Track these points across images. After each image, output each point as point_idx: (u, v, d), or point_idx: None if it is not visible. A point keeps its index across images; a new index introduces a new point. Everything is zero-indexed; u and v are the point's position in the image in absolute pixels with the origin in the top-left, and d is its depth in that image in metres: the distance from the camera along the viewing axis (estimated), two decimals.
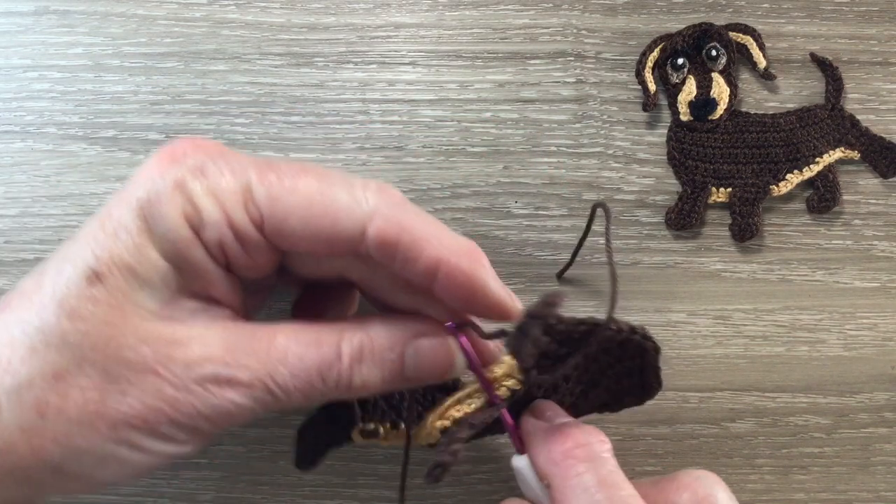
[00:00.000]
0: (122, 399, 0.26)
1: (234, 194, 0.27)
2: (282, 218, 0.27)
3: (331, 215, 0.27)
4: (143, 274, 0.27)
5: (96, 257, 0.26)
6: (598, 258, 0.41)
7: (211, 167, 0.27)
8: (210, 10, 0.41)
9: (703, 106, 0.41)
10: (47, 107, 0.41)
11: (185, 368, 0.27)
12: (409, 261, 0.28)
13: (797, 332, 0.41)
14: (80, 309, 0.26)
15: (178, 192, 0.27)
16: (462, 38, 0.41)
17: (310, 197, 0.27)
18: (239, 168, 0.28)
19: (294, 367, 0.28)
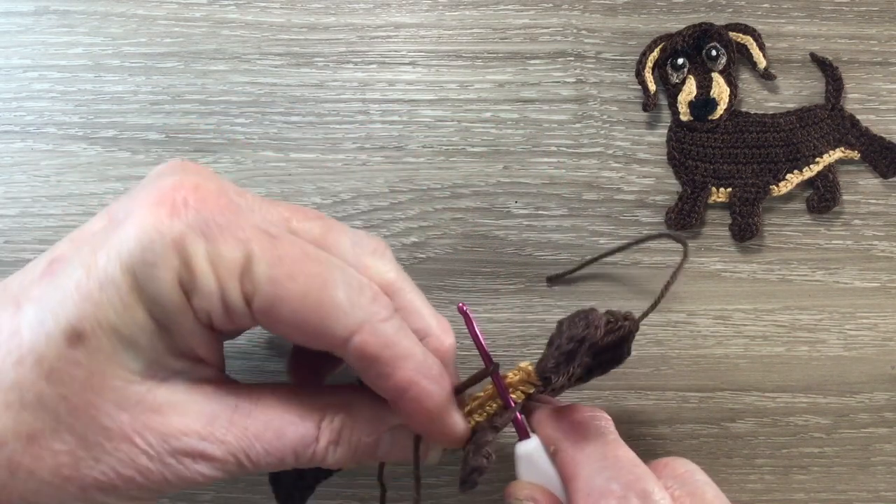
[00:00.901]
0: (96, 465, 0.26)
1: (232, 264, 0.26)
2: (274, 303, 0.26)
3: (322, 315, 0.27)
4: (128, 335, 0.25)
5: (79, 313, 0.25)
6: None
7: (214, 228, 0.26)
8: (210, 10, 0.41)
9: (703, 106, 0.41)
10: (47, 107, 0.41)
11: (161, 440, 0.26)
12: (381, 377, 0.28)
13: (797, 332, 0.41)
14: (60, 371, 0.25)
15: (176, 253, 0.25)
16: (462, 38, 0.41)
17: (307, 289, 0.26)
18: (242, 234, 0.26)
19: (270, 444, 0.28)
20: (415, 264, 0.40)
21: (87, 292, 0.25)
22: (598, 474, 0.28)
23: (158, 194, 0.26)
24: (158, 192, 0.26)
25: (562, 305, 0.41)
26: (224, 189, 0.27)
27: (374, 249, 0.30)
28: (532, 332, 0.41)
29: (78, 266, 0.26)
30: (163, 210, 0.25)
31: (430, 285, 0.40)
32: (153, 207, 0.25)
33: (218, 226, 0.26)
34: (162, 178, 0.27)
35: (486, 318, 0.40)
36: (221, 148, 0.41)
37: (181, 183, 0.26)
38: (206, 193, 0.26)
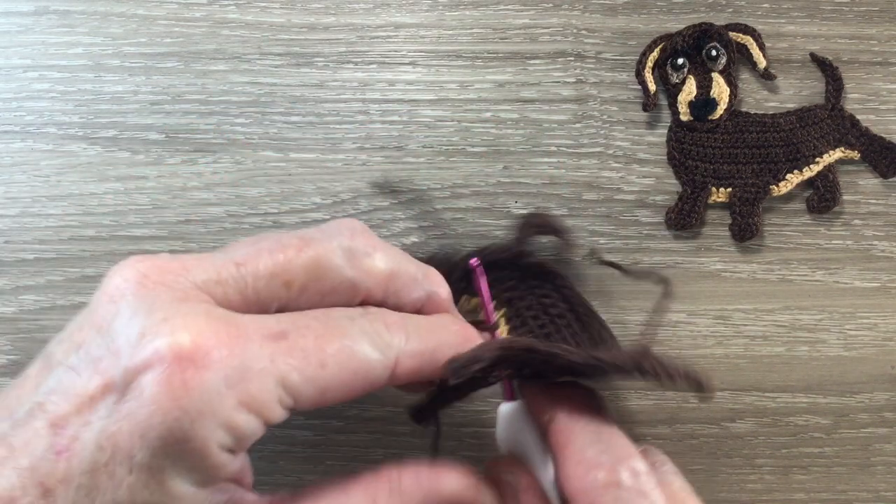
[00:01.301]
0: None
1: (269, 394, 0.25)
2: (318, 396, 0.26)
3: (361, 376, 0.27)
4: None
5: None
6: (596, 259, 0.41)
7: (241, 367, 0.24)
8: (210, 10, 0.41)
9: (703, 106, 0.41)
10: (47, 107, 0.41)
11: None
12: (427, 375, 0.29)
13: (797, 332, 0.41)
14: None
15: (209, 420, 0.24)
16: (462, 38, 0.41)
17: (341, 366, 0.26)
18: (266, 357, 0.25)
19: None
20: None
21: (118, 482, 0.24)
22: (590, 446, 0.29)
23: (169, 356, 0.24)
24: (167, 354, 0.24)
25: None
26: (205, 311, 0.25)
27: (363, 247, 0.30)
28: None
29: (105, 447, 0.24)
30: (183, 360, 0.24)
31: None
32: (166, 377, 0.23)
33: (242, 359, 0.25)
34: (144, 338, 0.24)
35: None
36: (221, 148, 0.41)
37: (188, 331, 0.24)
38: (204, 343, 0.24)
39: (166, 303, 0.25)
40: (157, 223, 0.41)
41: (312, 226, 0.40)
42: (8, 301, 0.41)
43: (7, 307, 0.41)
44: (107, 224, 0.40)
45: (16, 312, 0.41)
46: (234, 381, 0.24)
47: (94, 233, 0.40)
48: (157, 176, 0.41)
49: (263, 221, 0.41)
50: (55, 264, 0.40)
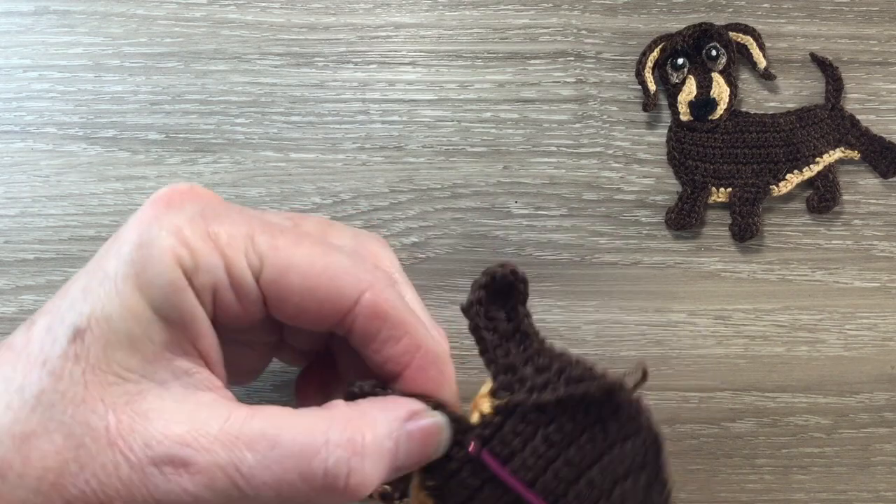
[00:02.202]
0: (80, 473, 0.25)
1: (234, 239, 0.26)
2: (283, 270, 0.26)
3: (331, 276, 0.27)
4: (124, 326, 0.25)
5: (79, 312, 0.25)
6: (597, 258, 0.41)
7: (210, 213, 0.26)
8: (210, 10, 0.41)
9: (703, 106, 0.41)
10: (47, 107, 0.41)
11: (143, 445, 0.25)
12: (390, 339, 0.27)
13: (797, 332, 0.41)
14: (61, 368, 0.25)
15: (173, 236, 0.25)
16: (462, 38, 0.41)
17: (312, 255, 0.26)
18: (240, 219, 0.27)
19: (265, 456, 0.25)
20: (415, 264, 0.40)
21: (91, 291, 0.25)
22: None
23: (155, 198, 0.27)
24: (155, 196, 0.27)
25: (562, 305, 0.41)
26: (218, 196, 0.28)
27: (377, 240, 0.31)
28: None
29: (83, 274, 0.26)
30: (160, 206, 0.26)
31: (429, 285, 0.40)
32: (150, 206, 0.26)
33: (215, 212, 0.26)
34: (160, 190, 0.28)
35: None
36: (221, 148, 0.41)
37: (176, 186, 0.27)
38: (201, 191, 0.27)
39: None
40: None
41: None
42: (8, 301, 0.41)
43: (7, 307, 0.41)
44: (107, 224, 0.40)
45: (16, 312, 0.41)
46: (209, 218, 0.26)
47: (94, 233, 0.40)
48: (157, 176, 0.41)
49: None
50: (55, 264, 0.40)
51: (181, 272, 0.25)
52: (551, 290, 0.41)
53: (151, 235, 0.25)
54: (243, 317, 0.27)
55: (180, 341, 0.26)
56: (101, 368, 0.25)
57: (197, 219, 0.26)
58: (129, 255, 0.25)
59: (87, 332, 0.25)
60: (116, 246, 0.26)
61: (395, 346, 0.27)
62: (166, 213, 0.26)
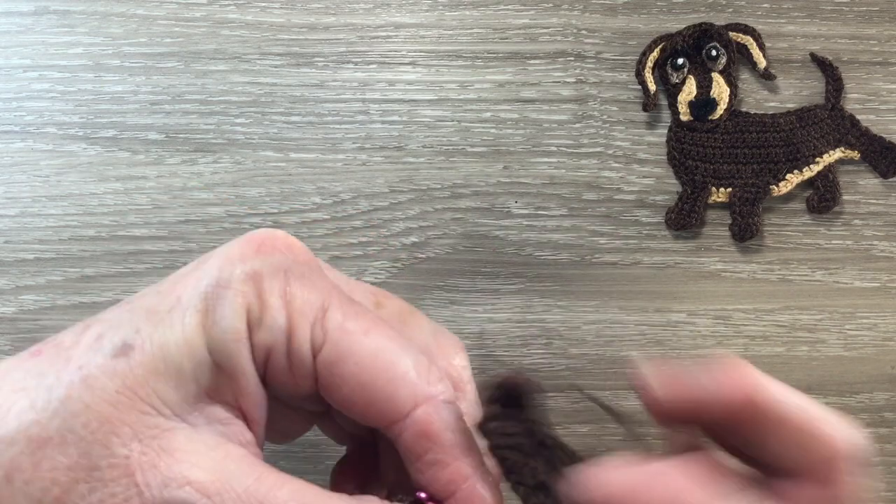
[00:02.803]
0: (86, 497, 0.24)
1: (307, 307, 0.25)
2: (343, 355, 0.25)
3: (389, 378, 0.25)
4: (176, 359, 0.24)
5: (136, 329, 0.25)
6: (597, 258, 0.41)
7: (295, 273, 0.25)
8: (210, 10, 0.41)
9: (703, 106, 0.41)
10: (47, 107, 0.41)
11: (161, 483, 0.24)
12: (437, 464, 0.26)
13: (797, 332, 0.41)
14: (95, 379, 0.24)
15: (252, 283, 0.25)
16: (462, 38, 0.41)
17: (378, 349, 0.25)
18: (322, 285, 0.26)
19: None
20: (415, 264, 0.40)
21: (155, 312, 0.25)
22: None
23: (248, 237, 0.26)
24: (249, 236, 0.26)
25: (562, 305, 0.41)
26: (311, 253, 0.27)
27: (454, 343, 0.29)
28: (532, 332, 0.41)
29: (154, 293, 0.26)
30: (250, 247, 0.26)
31: (429, 285, 0.40)
32: (239, 246, 0.26)
33: (300, 272, 0.25)
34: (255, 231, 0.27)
35: (486, 318, 0.40)
36: (221, 148, 0.41)
37: (273, 232, 0.26)
38: (294, 244, 0.26)
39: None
40: (157, 223, 0.41)
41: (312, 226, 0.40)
42: (8, 301, 0.40)
43: (7, 307, 0.41)
44: (107, 224, 0.40)
45: (16, 312, 0.41)
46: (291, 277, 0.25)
47: (94, 233, 0.40)
48: (157, 176, 0.41)
49: (263, 221, 0.41)
50: (55, 264, 0.40)
51: (245, 324, 0.25)
52: (551, 290, 0.41)
53: (231, 276, 0.25)
54: (291, 385, 0.26)
55: (224, 390, 0.25)
56: (137, 393, 0.24)
57: (280, 273, 0.25)
58: (204, 290, 0.25)
59: (136, 351, 0.24)
60: (196, 276, 0.25)
61: (441, 471, 0.26)
62: (253, 258, 0.25)
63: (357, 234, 0.41)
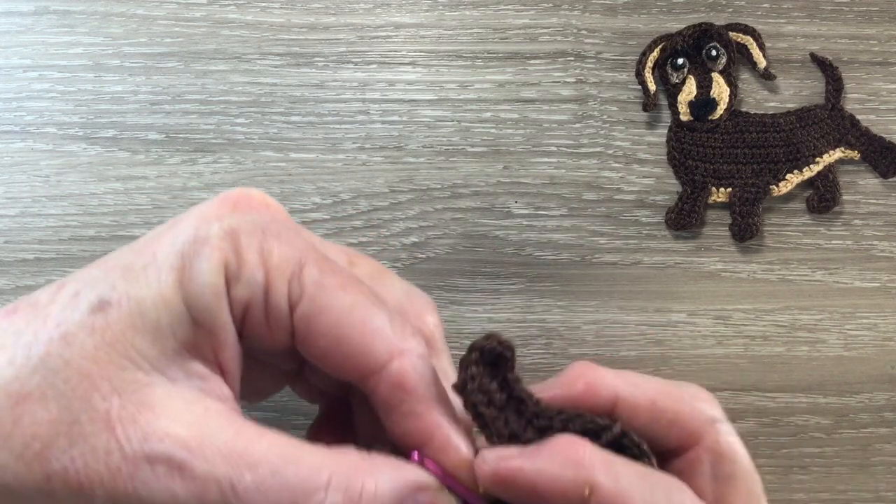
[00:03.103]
0: (67, 451, 0.24)
1: (284, 263, 0.25)
2: (319, 310, 0.25)
3: (364, 332, 0.26)
4: (153, 315, 0.24)
5: (112, 286, 0.25)
6: (597, 258, 0.41)
7: (272, 229, 0.26)
8: (210, 10, 0.41)
9: (703, 106, 0.41)
10: (47, 107, 0.41)
11: (142, 438, 0.24)
12: (412, 415, 0.26)
13: (797, 332, 0.41)
14: (73, 336, 0.24)
15: (229, 239, 0.25)
16: (462, 38, 0.41)
17: (356, 304, 0.26)
18: (297, 242, 0.26)
19: (264, 480, 0.24)
20: (415, 264, 0.40)
21: (130, 269, 0.25)
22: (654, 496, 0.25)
23: (224, 195, 0.27)
24: (225, 194, 0.27)
25: (562, 305, 0.41)
26: (286, 212, 0.28)
27: (427, 302, 0.30)
28: (532, 332, 0.41)
29: (129, 251, 0.26)
30: (226, 205, 0.26)
31: (430, 285, 0.40)
32: (216, 204, 0.26)
33: (276, 230, 0.26)
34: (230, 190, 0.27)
35: (486, 318, 0.40)
36: (221, 148, 0.41)
37: (248, 190, 0.27)
38: (271, 202, 0.27)
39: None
40: (157, 223, 0.40)
41: (312, 226, 0.40)
42: (8, 301, 0.40)
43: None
44: (107, 224, 0.40)
45: None
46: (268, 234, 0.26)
47: (94, 233, 0.40)
48: (157, 176, 0.41)
49: None
50: (55, 264, 0.40)
51: (223, 279, 0.25)
52: (551, 290, 0.41)
53: (209, 233, 0.25)
54: (267, 341, 0.26)
55: (202, 345, 0.25)
56: (116, 349, 0.24)
57: (257, 230, 0.25)
58: (180, 247, 0.25)
59: (114, 308, 0.24)
60: (172, 234, 0.26)
61: (416, 422, 0.26)
62: (230, 216, 0.26)
63: (357, 234, 0.41)
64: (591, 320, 0.41)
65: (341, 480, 0.24)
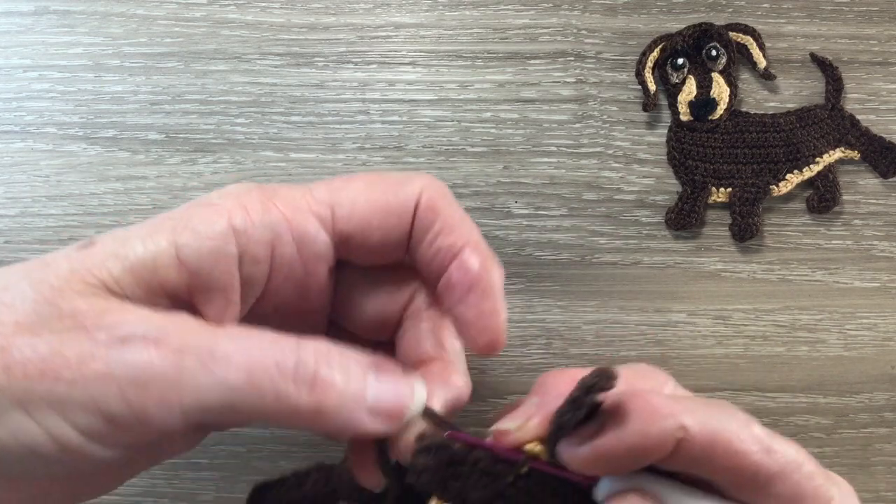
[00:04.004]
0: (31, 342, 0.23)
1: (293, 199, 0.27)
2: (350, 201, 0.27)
3: (389, 187, 0.28)
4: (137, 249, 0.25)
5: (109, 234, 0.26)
6: (597, 258, 0.41)
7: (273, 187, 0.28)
8: (210, 10, 0.41)
9: (703, 106, 0.41)
10: (47, 107, 0.41)
11: (112, 325, 0.24)
12: (443, 230, 0.28)
13: (797, 332, 0.41)
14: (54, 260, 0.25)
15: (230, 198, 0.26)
16: (462, 38, 0.41)
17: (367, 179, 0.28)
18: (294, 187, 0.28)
19: (242, 342, 0.24)
20: None
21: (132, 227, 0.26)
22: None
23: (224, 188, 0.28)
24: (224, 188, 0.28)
25: (562, 305, 0.41)
26: None
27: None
28: (532, 332, 0.41)
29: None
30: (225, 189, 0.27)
31: None
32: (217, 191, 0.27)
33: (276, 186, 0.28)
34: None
35: None
36: (221, 148, 0.41)
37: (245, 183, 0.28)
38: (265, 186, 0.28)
39: None
40: None
41: None
42: None
43: None
44: (107, 224, 0.40)
45: None
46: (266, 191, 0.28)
47: (94, 233, 0.40)
48: (157, 176, 0.41)
49: None
50: None
51: (228, 230, 0.25)
52: (551, 290, 0.41)
53: (210, 197, 0.26)
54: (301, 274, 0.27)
55: (196, 297, 0.26)
56: (91, 272, 0.25)
57: (258, 188, 0.27)
58: (181, 210, 0.26)
59: (99, 244, 0.25)
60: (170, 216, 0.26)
61: (448, 236, 0.28)
62: (230, 189, 0.27)
63: None
64: (591, 320, 0.41)
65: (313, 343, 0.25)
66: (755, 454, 0.24)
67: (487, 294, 0.28)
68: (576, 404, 0.24)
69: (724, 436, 0.24)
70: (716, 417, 0.24)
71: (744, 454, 0.24)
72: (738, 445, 0.24)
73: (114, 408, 0.23)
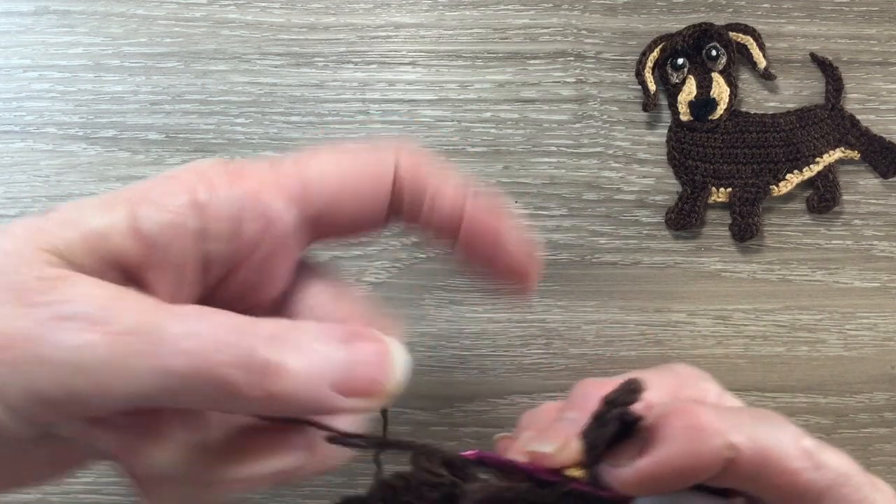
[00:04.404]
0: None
1: (261, 178, 0.25)
2: (317, 174, 0.26)
3: (363, 158, 0.26)
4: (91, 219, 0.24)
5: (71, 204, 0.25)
6: (597, 258, 0.41)
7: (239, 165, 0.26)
8: (210, 10, 0.41)
9: (703, 106, 0.41)
10: (47, 107, 0.41)
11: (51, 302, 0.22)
12: (439, 191, 0.26)
13: (797, 332, 0.41)
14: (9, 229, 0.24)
15: (193, 171, 0.25)
16: (462, 38, 0.41)
17: (337, 150, 0.26)
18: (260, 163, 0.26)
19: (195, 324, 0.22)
20: (415, 264, 0.40)
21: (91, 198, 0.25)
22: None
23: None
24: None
25: (562, 305, 0.41)
26: None
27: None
28: (532, 332, 0.41)
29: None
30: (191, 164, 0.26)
31: (430, 285, 0.40)
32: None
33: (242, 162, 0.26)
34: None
35: (486, 318, 0.40)
36: (221, 148, 0.41)
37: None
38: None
39: None
40: None
41: None
42: None
43: None
44: None
45: None
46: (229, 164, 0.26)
47: None
48: None
49: None
50: None
51: (192, 202, 0.24)
52: (551, 290, 0.41)
53: (174, 171, 0.25)
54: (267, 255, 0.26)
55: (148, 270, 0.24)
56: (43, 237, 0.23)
57: (221, 165, 0.25)
58: (143, 183, 0.25)
59: (56, 212, 0.24)
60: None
61: (444, 198, 0.27)
62: (195, 163, 0.26)
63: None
64: (591, 320, 0.41)
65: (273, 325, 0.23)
66: (806, 472, 0.23)
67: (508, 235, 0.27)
68: (601, 422, 0.24)
69: (775, 453, 0.23)
70: (766, 433, 0.23)
71: (794, 473, 0.23)
72: (788, 464, 0.23)
73: (50, 392, 0.22)
